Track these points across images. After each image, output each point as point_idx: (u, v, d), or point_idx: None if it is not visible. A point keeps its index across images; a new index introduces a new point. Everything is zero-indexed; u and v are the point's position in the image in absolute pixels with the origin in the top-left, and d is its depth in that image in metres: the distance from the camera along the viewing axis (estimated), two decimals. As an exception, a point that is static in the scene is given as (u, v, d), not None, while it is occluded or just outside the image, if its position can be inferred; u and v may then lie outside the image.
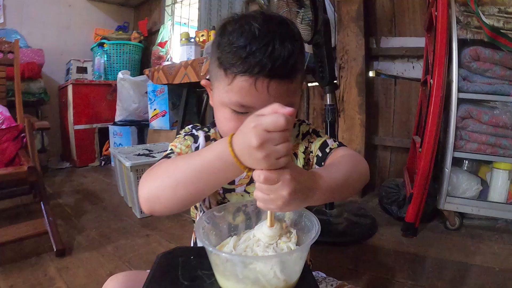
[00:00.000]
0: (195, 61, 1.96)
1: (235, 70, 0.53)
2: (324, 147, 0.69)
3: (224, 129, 0.60)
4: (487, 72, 1.46)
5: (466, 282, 1.15)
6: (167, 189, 0.50)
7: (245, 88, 0.53)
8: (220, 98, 0.58)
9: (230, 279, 0.43)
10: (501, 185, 1.50)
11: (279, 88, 0.54)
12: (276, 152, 0.41)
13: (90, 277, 1.19)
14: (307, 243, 0.42)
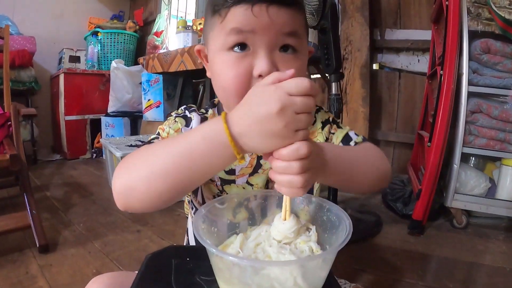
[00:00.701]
0: (191, 48, 1.87)
1: (228, 3, 0.47)
2: (348, 141, 0.61)
3: (224, 83, 0.51)
4: (497, 65, 1.41)
5: (479, 282, 1.11)
6: (141, 181, 0.41)
7: (241, 16, 0.47)
8: (216, 46, 0.51)
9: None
10: (510, 183, 1.45)
11: (281, 13, 0.47)
12: (297, 121, 0.35)
13: (75, 276, 1.11)
14: (337, 245, 0.33)
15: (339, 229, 0.39)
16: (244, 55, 0.48)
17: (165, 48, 3.11)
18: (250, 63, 0.48)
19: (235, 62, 0.48)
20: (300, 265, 0.35)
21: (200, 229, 0.38)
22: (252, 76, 0.48)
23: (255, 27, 0.47)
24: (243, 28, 0.47)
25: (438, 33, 1.68)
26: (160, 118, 2.76)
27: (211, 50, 0.53)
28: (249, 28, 0.47)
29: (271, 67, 0.47)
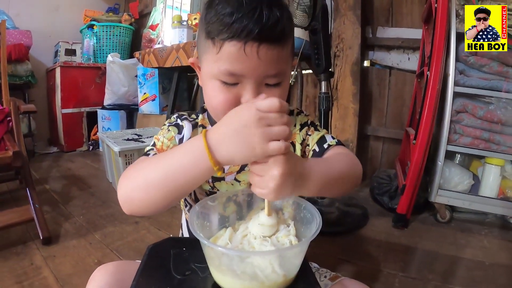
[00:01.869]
0: (187, 45, 1.91)
1: (223, 36, 0.51)
2: (322, 143, 0.67)
3: (213, 104, 0.57)
4: (484, 67, 1.45)
5: (457, 275, 1.16)
6: (139, 191, 0.48)
7: (234, 54, 0.51)
8: (208, 70, 0.56)
9: (226, 274, 0.41)
10: (493, 181, 1.51)
11: (270, 53, 0.52)
12: (268, 132, 0.41)
13: (78, 266, 1.16)
14: (309, 237, 0.40)
15: (312, 225, 0.45)
16: (234, 86, 0.54)
17: (161, 42, 3.13)
18: (238, 92, 0.54)
19: (225, 90, 0.54)
20: (277, 255, 0.41)
21: (194, 224, 0.44)
22: (240, 102, 0.54)
23: (247, 69, 0.52)
24: (235, 72, 0.52)
25: (428, 33, 1.72)
26: (156, 111, 2.80)
27: (204, 70, 0.59)
28: (240, 72, 0.52)
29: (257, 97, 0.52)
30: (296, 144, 0.68)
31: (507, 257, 1.27)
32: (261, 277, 0.40)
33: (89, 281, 0.55)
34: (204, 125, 0.69)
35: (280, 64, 0.54)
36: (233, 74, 0.52)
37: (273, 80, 0.55)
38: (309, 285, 0.44)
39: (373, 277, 1.13)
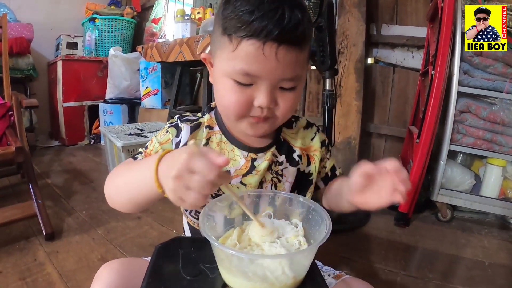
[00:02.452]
0: (190, 39, 1.89)
1: (241, 34, 0.49)
2: (334, 170, 0.74)
3: (225, 103, 0.57)
4: (488, 68, 1.45)
5: (457, 274, 1.17)
6: (114, 193, 0.56)
7: (252, 53, 0.50)
8: (222, 68, 0.55)
9: (237, 275, 0.41)
10: (494, 181, 1.51)
11: (288, 55, 0.50)
12: (188, 179, 0.39)
13: (81, 262, 1.17)
14: (319, 241, 0.40)
15: (321, 227, 0.45)
16: (247, 87, 0.53)
17: (163, 36, 3.11)
18: (252, 94, 0.53)
19: (238, 90, 0.53)
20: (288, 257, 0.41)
21: (205, 225, 0.44)
22: (252, 104, 0.54)
23: (263, 71, 0.51)
24: (251, 72, 0.51)
25: (433, 32, 1.72)
26: (158, 106, 2.79)
27: (217, 67, 0.57)
28: (257, 72, 0.51)
29: (270, 101, 0.53)
30: (315, 160, 0.70)
31: (507, 257, 1.28)
32: (271, 279, 0.40)
33: (95, 279, 0.56)
34: (211, 125, 0.67)
35: (298, 67, 0.53)
36: (248, 74, 0.51)
37: (289, 84, 0.54)
38: (317, 285, 0.45)
39: (374, 275, 1.13)
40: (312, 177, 0.71)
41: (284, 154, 0.67)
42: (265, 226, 0.47)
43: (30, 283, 1.05)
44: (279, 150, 0.67)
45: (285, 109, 0.56)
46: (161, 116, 2.68)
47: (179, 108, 2.45)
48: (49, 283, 1.05)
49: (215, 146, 0.65)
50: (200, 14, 2.57)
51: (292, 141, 0.70)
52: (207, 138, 0.65)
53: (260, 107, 0.54)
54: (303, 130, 0.72)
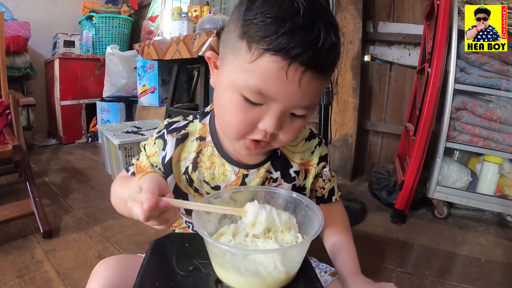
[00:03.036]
0: (187, 37, 1.89)
1: (265, 46, 0.42)
2: (331, 194, 0.72)
3: (227, 120, 0.51)
4: (485, 65, 1.45)
5: (453, 271, 1.18)
6: (114, 203, 0.61)
7: (273, 72, 0.43)
8: (232, 78, 0.47)
9: (230, 271, 0.42)
10: (491, 178, 1.52)
11: (312, 83, 0.45)
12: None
13: (78, 260, 1.17)
14: (311, 236, 0.41)
15: (314, 222, 0.46)
16: (256, 107, 0.47)
17: (160, 34, 3.11)
18: (258, 115, 0.48)
19: (245, 109, 0.47)
20: (280, 252, 0.42)
21: (198, 221, 0.44)
22: (257, 126, 0.49)
23: (281, 94, 0.45)
24: (266, 93, 0.45)
25: (430, 29, 1.72)
26: (155, 104, 2.79)
27: (225, 73, 0.50)
28: (273, 94, 0.45)
29: (277, 127, 0.48)
30: (311, 171, 0.68)
31: (503, 255, 1.29)
32: (264, 274, 0.41)
33: (91, 276, 0.56)
34: (203, 135, 0.63)
35: (316, 97, 0.48)
36: (262, 94, 0.45)
37: (302, 111, 0.49)
38: (310, 281, 0.45)
39: (371, 272, 1.14)
40: (305, 192, 0.69)
41: (279, 170, 0.64)
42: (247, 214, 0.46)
43: (28, 281, 1.05)
44: (274, 165, 0.64)
45: (289, 136, 0.52)
46: (158, 114, 2.68)
47: (176, 106, 2.44)
48: (47, 280, 1.05)
49: (206, 160, 0.62)
50: (197, 12, 2.57)
51: (290, 155, 0.66)
52: (198, 151, 0.62)
53: (264, 131, 0.49)
54: (304, 142, 0.67)
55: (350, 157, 2.06)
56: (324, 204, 0.72)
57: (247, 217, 0.46)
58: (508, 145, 1.45)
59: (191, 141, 0.63)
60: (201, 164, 0.62)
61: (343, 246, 0.68)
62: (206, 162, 0.62)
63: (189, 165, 0.62)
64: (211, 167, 0.62)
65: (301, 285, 0.44)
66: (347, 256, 0.66)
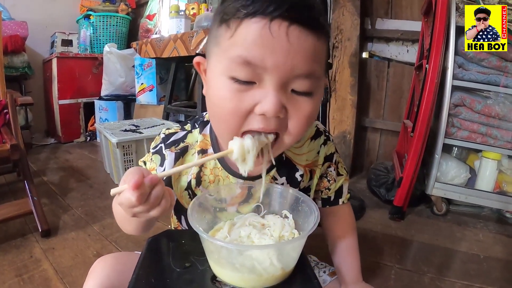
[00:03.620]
0: (184, 35, 1.89)
1: (241, 14, 0.40)
2: (338, 196, 0.69)
3: (220, 114, 0.46)
4: (483, 62, 1.45)
5: (452, 268, 1.18)
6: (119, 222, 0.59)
7: (255, 33, 0.39)
8: (218, 67, 0.44)
9: (226, 267, 0.41)
10: (489, 175, 1.51)
11: (303, 38, 0.40)
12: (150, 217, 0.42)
13: (77, 258, 1.17)
14: (307, 231, 0.41)
15: (310, 218, 0.45)
16: (248, 87, 0.42)
17: (158, 32, 3.10)
18: (253, 98, 0.42)
19: (236, 94, 0.42)
20: (276, 248, 0.41)
21: (194, 217, 0.44)
22: (253, 112, 0.43)
23: (270, 55, 0.39)
24: (253, 60, 0.40)
25: (427, 25, 1.72)
26: (153, 102, 2.79)
27: (210, 68, 0.46)
28: (260, 61, 0.39)
29: (278, 108, 0.41)
30: (316, 172, 0.65)
31: (502, 251, 1.29)
32: (260, 270, 0.41)
33: (89, 273, 0.56)
34: (204, 148, 0.59)
35: (315, 62, 0.42)
36: (249, 64, 0.40)
37: (304, 84, 0.42)
38: (307, 278, 0.45)
39: (369, 268, 1.14)
40: (310, 192, 0.66)
41: (285, 176, 0.61)
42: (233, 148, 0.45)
43: (27, 280, 1.05)
44: (279, 171, 0.60)
45: (299, 122, 0.44)
46: (156, 112, 2.67)
47: (174, 104, 2.45)
48: (45, 279, 1.05)
49: (209, 173, 0.59)
50: (195, 9, 2.57)
51: (296, 158, 0.62)
52: (200, 165, 0.59)
53: (263, 115, 0.42)
54: (309, 142, 0.63)
55: (349, 154, 2.06)
56: (330, 207, 0.70)
57: (234, 153, 0.44)
58: (507, 141, 1.45)
59: (191, 154, 0.59)
60: (204, 178, 0.59)
61: (347, 253, 0.68)
62: (209, 176, 0.59)
63: (192, 180, 0.59)
64: (215, 181, 0.59)
65: (297, 282, 0.44)
66: (351, 264, 0.66)
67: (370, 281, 0.69)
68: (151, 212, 0.41)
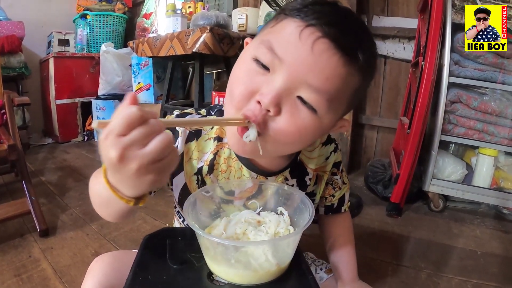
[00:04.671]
0: (181, 33, 1.88)
1: (291, 12, 0.44)
2: (341, 204, 0.72)
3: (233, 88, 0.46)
4: (479, 58, 1.46)
5: (449, 264, 1.18)
6: (94, 203, 0.47)
7: (288, 31, 0.42)
8: (250, 47, 0.47)
9: (221, 263, 0.42)
10: (486, 171, 1.52)
11: (328, 53, 0.41)
12: (148, 156, 0.31)
13: (75, 257, 1.17)
14: (301, 227, 0.41)
15: (305, 215, 0.46)
16: (263, 72, 0.44)
17: (154, 31, 3.09)
18: (261, 83, 0.43)
19: (252, 73, 0.44)
20: (271, 244, 0.42)
21: (189, 214, 0.45)
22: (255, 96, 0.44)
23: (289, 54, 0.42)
24: (276, 50, 0.42)
25: (424, 22, 1.72)
26: (150, 101, 2.79)
27: (244, 50, 0.49)
28: (282, 53, 0.42)
29: (275, 99, 0.42)
30: (323, 180, 0.67)
31: (499, 247, 1.29)
32: (255, 266, 0.41)
33: (87, 273, 0.56)
34: (221, 136, 0.58)
35: (332, 83, 0.42)
36: (272, 51, 0.42)
37: (311, 96, 0.42)
38: (302, 273, 0.45)
39: (366, 265, 1.14)
40: (315, 197, 0.67)
41: (296, 178, 0.62)
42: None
43: (25, 280, 1.05)
44: (292, 173, 0.61)
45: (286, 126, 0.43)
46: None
47: (171, 103, 2.44)
48: (44, 278, 1.05)
49: (222, 162, 0.58)
50: (191, 8, 2.56)
51: (307, 162, 0.63)
52: (215, 152, 0.57)
53: (258, 103, 0.43)
54: (321, 147, 0.65)
55: (346, 151, 2.06)
56: (332, 214, 0.72)
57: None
58: (503, 137, 1.46)
59: (204, 139, 0.58)
60: (217, 167, 0.58)
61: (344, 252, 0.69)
62: (222, 165, 0.58)
63: (204, 166, 0.58)
64: (227, 171, 0.58)
65: (293, 277, 0.44)
66: (348, 262, 0.67)
67: (367, 277, 0.70)
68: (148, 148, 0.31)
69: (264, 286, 0.42)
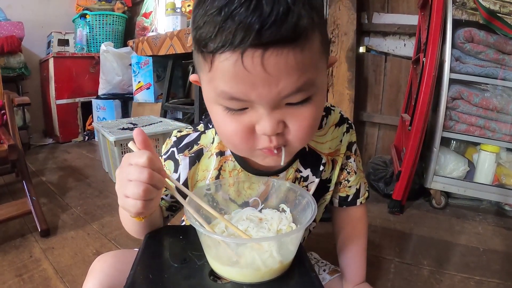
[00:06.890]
0: (181, 32, 1.88)
1: (212, 47, 0.36)
2: (357, 196, 0.67)
3: (225, 135, 0.45)
4: (480, 55, 1.45)
5: (451, 261, 1.17)
6: (125, 225, 0.57)
7: (229, 71, 0.36)
8: (206, 94, 0.44)
9: (223, 261, 0.41)
10: (488, 167, 1.51)
11: (282, 61, 0.35)
12: (125, 187, 0.41)
13: (76, 257, 1.17)
14: (304, 223, 0.41)
15: (307, 211, 0.45)
16: (243, 112, 0.41)
17: (154, 30, 3.09)
18: (250, 119, 0.41)
19: (233, 118, 0.42)
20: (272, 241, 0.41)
21: (191, 212, 0.44)
22: (255, 131, 0.42)
23: (251, 93, 0.38)
24: (238, 96, 0.38)
25: (424, 19, 1.71)
26: (150, 100, 2.79)
27: (203, 91, 0.45)
28: (242, 94, 0.38)
29: (275, 126, 0.40)
30: (336, 167, 0.63)
31: (501, 243, 1.29)
32: (258, 263, 0.40)
33: (89, 272, 0.56)
34: (222, 150, 0.56)
35: (304, 72, 0.38)
36: (234, 98, 0.39)
37: (297, 97, 0.40)
38: (305, 271, 0.45)
39: (369, 262, 1.11)
40: (330, 184, 0.64)
41: (309, 167, 0.59)
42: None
43: (27, 280, 1.05)
44: (303, 163, 0.59)
45: (300, 131, 0.43)
46: (154, 110, 2.67)
47: (171, 102, 2.44)
48: (45, 278, 1.05)
49: (228, 175, 0.57)
50: (191, 6, 2.55)
51: (319, 147, 0.60)
52: (219, 168, 0.56)
53: (265, 135, 0.42)
54: (334, 128, 0.61)
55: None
56: (346, 207, 0.69)
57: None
58: (505, 134, 1.45)
59: (207, 157, 0.57)
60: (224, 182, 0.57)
61: (355, 254, 0.68)
62: (228, 179, 0.57)
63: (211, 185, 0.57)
64: (235, 183, 0.56)
65: (295, 275, 0.44)
66: (358, 266, 0.67)
67: (369, 274, 0.69)
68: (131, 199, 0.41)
69: (266, 284, 0.42)
